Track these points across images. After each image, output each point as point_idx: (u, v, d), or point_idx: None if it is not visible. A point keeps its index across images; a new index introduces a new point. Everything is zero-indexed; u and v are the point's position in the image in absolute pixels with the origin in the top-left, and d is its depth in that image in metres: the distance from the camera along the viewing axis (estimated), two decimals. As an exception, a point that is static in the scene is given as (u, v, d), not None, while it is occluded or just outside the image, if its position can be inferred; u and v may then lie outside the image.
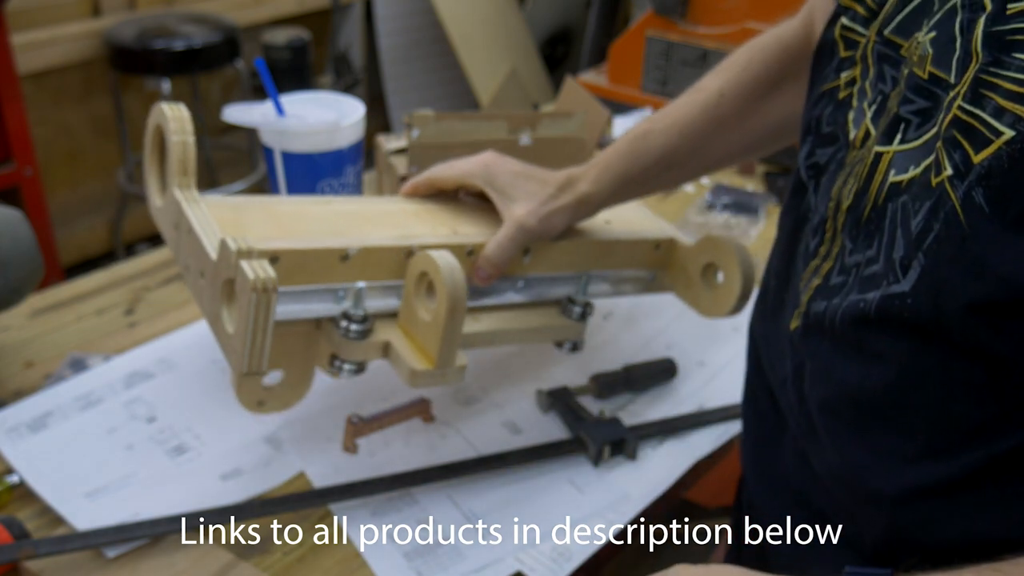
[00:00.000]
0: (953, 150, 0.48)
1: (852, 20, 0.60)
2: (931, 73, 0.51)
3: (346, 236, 0.67)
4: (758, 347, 0.70)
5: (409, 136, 0.99)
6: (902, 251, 0.50)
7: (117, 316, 0.94)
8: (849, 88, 0.60)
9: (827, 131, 0.62)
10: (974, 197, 0.46)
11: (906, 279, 0.50)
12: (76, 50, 2.46)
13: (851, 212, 0.56)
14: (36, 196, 2.17)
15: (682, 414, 0.84)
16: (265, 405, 0.73)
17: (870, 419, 0.54)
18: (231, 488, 0.72)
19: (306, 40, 2.68)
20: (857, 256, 0.55)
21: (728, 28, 1.39)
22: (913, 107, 0.52)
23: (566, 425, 0.81)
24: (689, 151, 0.80)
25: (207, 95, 2.90)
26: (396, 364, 0.67)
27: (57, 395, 0.80)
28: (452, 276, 0.63)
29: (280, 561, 0.67)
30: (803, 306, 0.59)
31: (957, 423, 0.50)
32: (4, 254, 0.78)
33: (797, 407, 0.61)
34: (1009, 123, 0.45)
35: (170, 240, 0.69)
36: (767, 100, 0.80)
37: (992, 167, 0.45)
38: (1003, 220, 0.45)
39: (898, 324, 0.50)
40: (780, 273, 0.66)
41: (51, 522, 0.68)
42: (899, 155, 0.52)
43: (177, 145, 0.66)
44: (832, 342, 0.56)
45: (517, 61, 3.12)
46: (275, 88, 0.86)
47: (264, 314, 0.57)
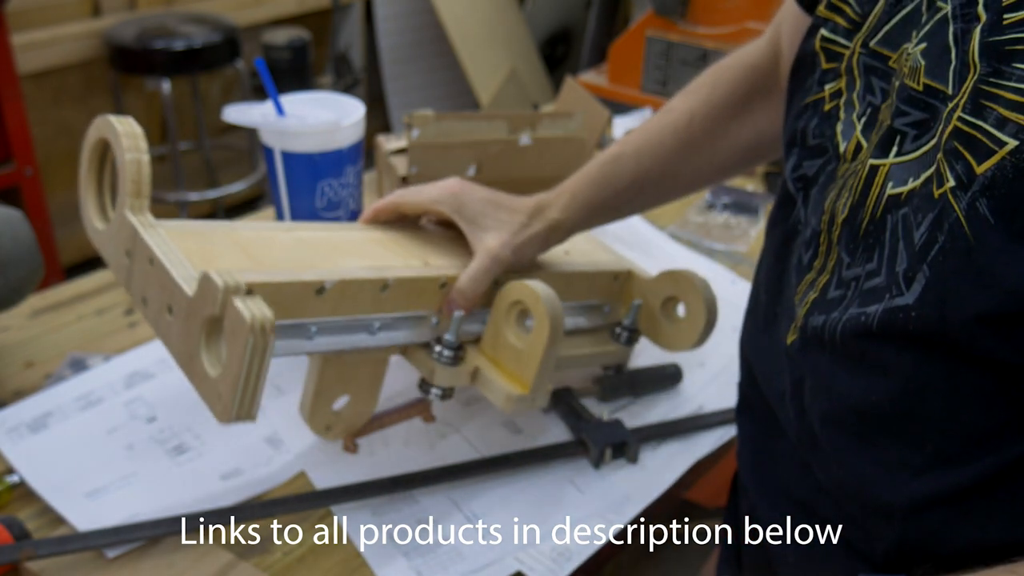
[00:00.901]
0: (955, 161, 0.47)
1: (833, 32, 0.60)
2: (926, 84, 0.50)
3: (318, 267, 0.63)
4: (750, 361, 0.70)
5: (409, 136, 0.99)
6: (905, 264, 0.50)
7: (117, 316, 0.94)
8: (835, 100, 0.59)
9: (814, 143, 0.61)
10: (978, 208, 0.46)
11: (910, 292, 0.49)
12: (76, 50, 2.46)
13: (847, 225, 0.55)
14: (36, 196, 2.17)
15: (684, 416, 0.84)
16: (331, 430, 0.75)
17: (875, 432, 0.54)
18: (231, 488, 0.72)
19: (306, 40, 2.68)
20: (856, 269, 0.54)
21: (728, 28, 1.39)
22: (908, 119, 0.52)
23: (567, 426, 0.81)
24: (660, 174, 0.79)
25: (207, 95, 2.90)
26: (487, 389, 0.69)
27: (57, 395, 0.80)
28: (552, 305, 0.66)
29: (280, 561, 0.67)
30: (799, 320, 0.59)
31: (966, 431, 0.50)
32: (4, 254, 0.78)
33: (797, 421, 0.61)
34: (1012, 133, 0.44)
35: (118, 267, 0.61)
36: (737, 120, 0.80)
37: (996, 177, 0.45)
38: (1009, 231, 0.45)
39: (902, 336, 0.50)
40: (771, 287, 0.65)
41: (51, 522, 0.68)
42: (896, 167, 0.52)
43: (131, 164, 0.59)
44: (832, 356, 0.55)
45: (517, 61, 3.12)
46: (275, 88, 0.86)
47: (260, 357, 0.51)
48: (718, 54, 1.39)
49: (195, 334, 0.54)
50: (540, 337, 0.67)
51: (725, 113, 0.79)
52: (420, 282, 0.67)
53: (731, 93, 0.80)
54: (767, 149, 0.83)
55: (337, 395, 0.72)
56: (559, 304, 0.67)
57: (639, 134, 0.81)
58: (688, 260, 1.09)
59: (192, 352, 0.55)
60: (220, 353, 0.54)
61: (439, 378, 0.69)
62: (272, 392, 0.81)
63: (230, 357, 0.52)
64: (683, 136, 0.79)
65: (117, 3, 2.58)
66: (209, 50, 2.38)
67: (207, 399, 0.55)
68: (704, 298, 0.80)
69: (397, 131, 1.11)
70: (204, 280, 0.53)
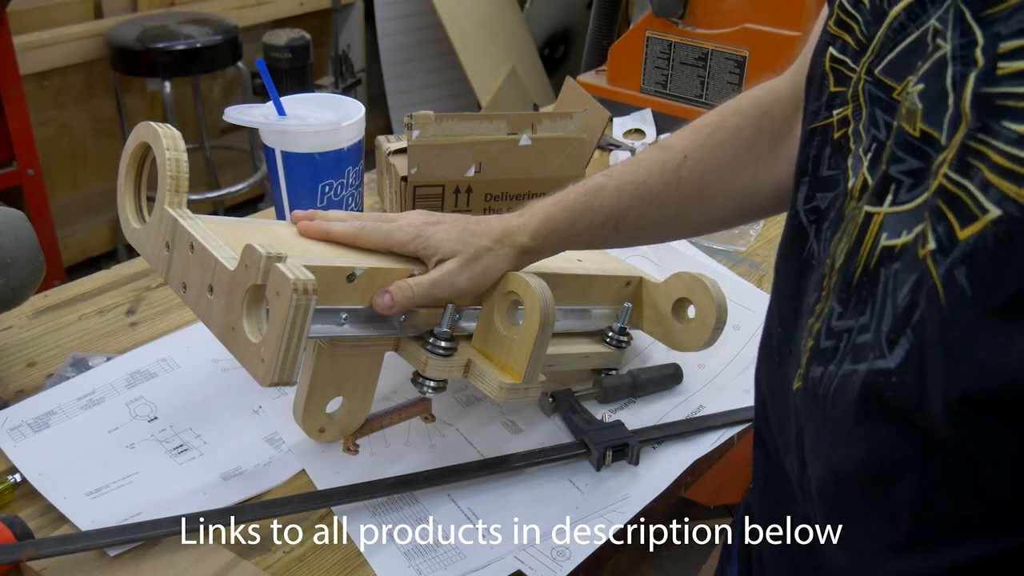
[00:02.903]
0: (937, 222, 0.43)
1: (842, 52, 0.55)
2: (922, 131, 0.46)
3: (348, 257, 0.66)
4: (765, 397, 0.66)
5: (409, 136, 0.99)
6: (889, 324, 0.47)
7: (119, 316, 0.94)
8: (843, 128, 0.55)
9: (827, 174, 0.57)
10: (956, 277, 0.42)
11: (892, 355, 0.46)
12: (78, 51, 2.47)
13: (841, 273, 0.52)
14: (38, 196, 2.17)
15: (684, 418, 0.84)
16: (325, 432, 0.76)
17: (855, 501, 0.52)
18: (232, 487, 0.72)
19: (306, 41, 2.68)
20: (848, 321, 0.51)
21: (728, 29, 1.39)
22: (903, 167, 0.48)
23: (568, 428, 0.81)
24: (639, 215, 0.74)
25: (208, 96, 2.90)
26: (479, 380, 0.70)
27: (59, 395, 0.80)
28: (544, 295, 0.67)
29: (280, 560, 0.67)
30: (803, 367, 0.56)
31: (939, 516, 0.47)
32: (6, 254, 0.78)
33: (799, 471, 0.58)
34: (996, 200, 0.40)
35: (157, 260, 0.66)
36: (734, 171, 0.74)
37: (977, 246, 0.41)
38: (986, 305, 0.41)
39: (881, 404, 0.47)
40: (786, 322, 0.61)
41: (53, 521, 0.69)
42: (890, 217, 0.48)
43: (171, 161, 0.64)
44: (824, 414, 0.53)
45: (517, 61, 3.12)
46: (276, 89, 0.87)
47: (303, 317, 0.55)
48: (718, 55, 1.40)
49: (236, 306, 0.58)
50: (531, 326, 0.67)
51: (723, 159, 0.73)
52: None
53: (732, 140, 0.74)
54: (762, 205, 0.77)
55: (331, 396, 0.73)
56: (550, 293, 0.68)
57: (627, 167, 0.75)
58: (691, 255, 1.09)
59: (234, 323, 0.58)
60: (261, 320, 0.58)
61: (432, 370, 0.69)
62: (273, 392, 0.82)
63: (273, 319, 0.55)
64: (671, 177, 0.74)
65: (118, 4, 2.59)
66: (210, 51, 2.38)
67: (249, 365, 0.58)
68: (715, 298, 0.82)
69: (397, 131, 1.11)
70: (247, 250, 0.56)
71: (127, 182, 0.69)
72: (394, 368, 0.81)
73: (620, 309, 0.85)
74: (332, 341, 0.68)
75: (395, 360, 0.74)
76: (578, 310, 0.83)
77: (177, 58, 2.35)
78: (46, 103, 2.52)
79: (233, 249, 0.60)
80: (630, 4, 2.60)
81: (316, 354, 0.70)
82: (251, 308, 0.58)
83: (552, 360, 0.77)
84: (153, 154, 0.66)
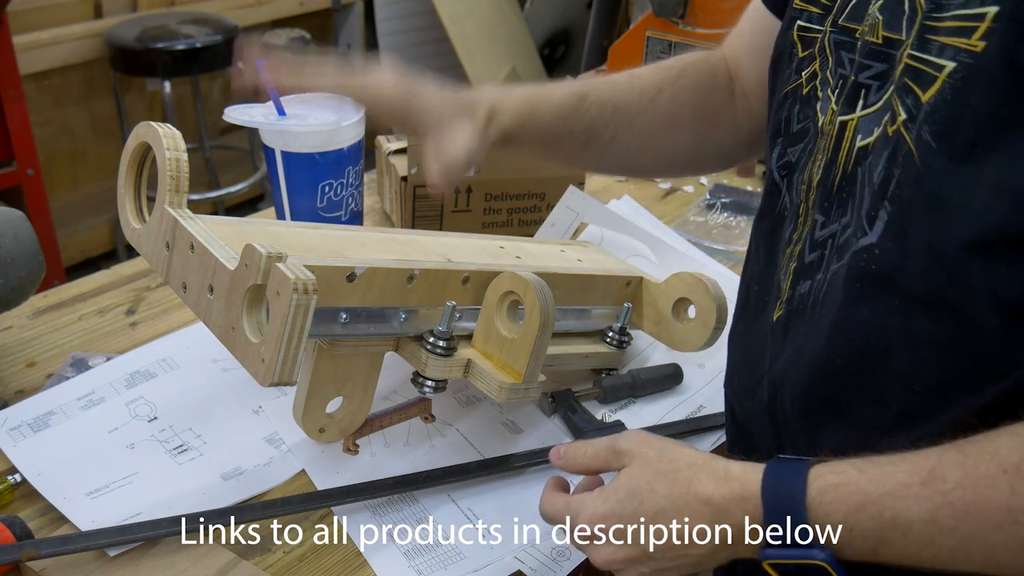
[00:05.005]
0: (905, 96, 0.50)
1: (808, 21, 0.62)
2: (884, 36, 0.53)
3: (348, 258, 0.67)
4: (732, 403, 0.70)
5: (409, 136, 0.99)
6: (868, 205, 0.52)
7: (118, 316, 0.94)
8: (811, 82, 0.61)
9: (797, 128, 0.62)
10: (923, 136, 0.48)
11: (873, 231, 0.52)
12: (78, 51, 2.47)
13: (821, 186, 0.57)
14: (38, 196, 2.17)
15: (684, 418, 0.84)
16: (325, 433, 0.75)
17: (845, 392, 0.55)
18: (232, 487, 0.72)
19: (306, 40, 2.68)
20: (832, 227, 0.56)
21: (728, 29, 1.39)
22: (870, 72, 0.54)
23: (568, 428, 0.81)
24: (611, 135, 0.79)
25: (208, 96, 2.90)
26: (479, 380, 0.70)
27: (59, 395, 0.80)
28: (543, 294, 0.67)
29: (280, 560, 0.67)
30: (786, 293, 0.60)
31: (927, 385, 0.51)
32: (6, 254, 0.78)
33: (769, 420, 0.61)
34: (951, 56, 0.47)
35: (157, 260, 0.66)
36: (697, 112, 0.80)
37: (937, 103, 0.48)
38: (950, 153, 0.47)
39: (867, 281, 0.52)
40: (762, 277, 0.66)
41: (53, 521, 0.69)
42: (863, 120, 0.54)
43: (171, 161, 0.64)
44: (809, 322, 0.57)
45: (517, 61, 3.12)
46: (276, 89, 0.87)
47: (303, 317, 0.54)
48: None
49: (237, 306, 0.57)
50: (531, 325, 0.67)
51: (684, 105, 0.79)
52: (444, 275, 0.69)
53: (690, 88, 0.80)
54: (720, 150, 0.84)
55: (331, 396, 0.73)
56: (550, 293, 0.68)
57: (609, 83, 0.79)
58: (691, 255, 1.09)
59: (234, 323, 0.58)
60: (261, 320, 0.57)
61: (432, 370, 0.69)
62: (273, 392, 0.82)
63: (273, 319, 0.55)
64: (647, 106, 0.78)
65: (118, 4, 2.59)
66: (210, 51, 2.38)
67: (249, 365, 0.57)
68: (715, 297, 0.82)
69: (397, 131, 1.11)
70: (247, 250, 0.56)
71: (127, 182, 0.69)
72: (394, 368, 0.81)
73: (620, 309, 0.85)
74: (332, 341, 0.68)
75: (395, 360, 0.74)
76: (578, 310, 0.83)
77: (177, 58, 2.35)
78: (46, 103, 2.52)
79: (233, 249, 0.60)
80: (630, 4, 2.60)
81: (316, 354, 0.70)
82: (251, 308, 0.58)
83: (552, 360, 0.77)
84: (153, 154, 0.66)
